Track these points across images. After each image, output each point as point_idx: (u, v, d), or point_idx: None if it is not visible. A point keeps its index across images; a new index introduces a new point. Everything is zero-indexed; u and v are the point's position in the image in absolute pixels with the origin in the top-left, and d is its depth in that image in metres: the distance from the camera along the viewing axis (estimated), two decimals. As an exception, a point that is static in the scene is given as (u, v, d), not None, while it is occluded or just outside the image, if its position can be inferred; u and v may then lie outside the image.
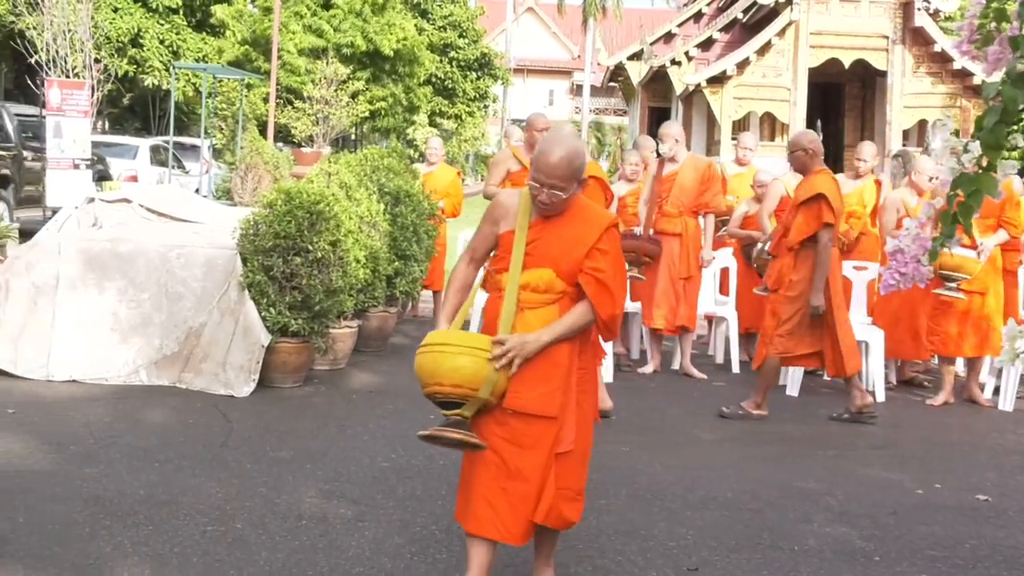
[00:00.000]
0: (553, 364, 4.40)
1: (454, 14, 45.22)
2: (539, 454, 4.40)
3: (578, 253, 4.40)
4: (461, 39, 45.07)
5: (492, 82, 48.06)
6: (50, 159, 16.55)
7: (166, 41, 32.89)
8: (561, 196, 4.36)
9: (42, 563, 4.86)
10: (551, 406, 4.40)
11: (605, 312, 4.43)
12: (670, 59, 30.89)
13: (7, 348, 8.43)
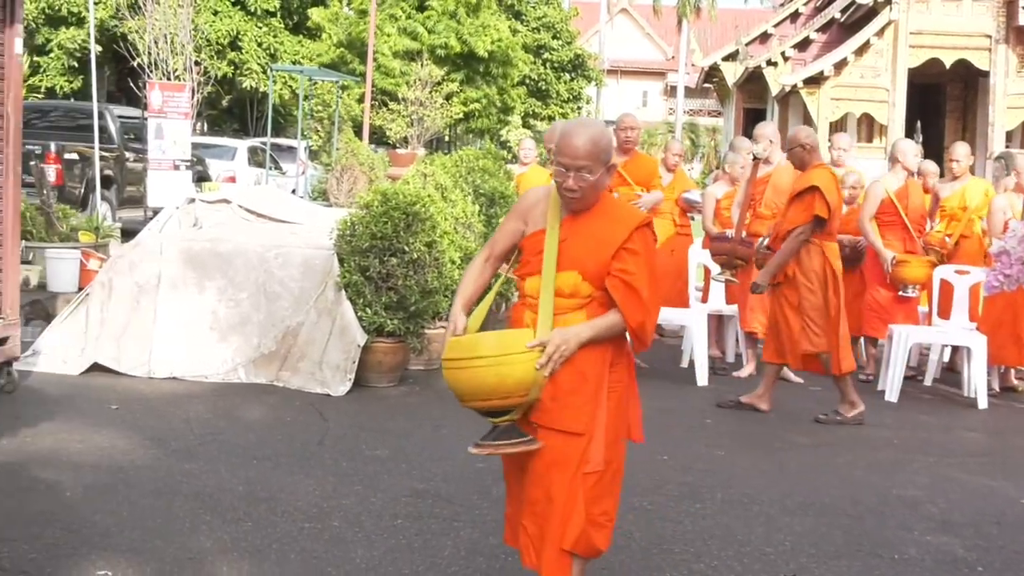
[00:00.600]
0: (581, 376, 4.04)
1: (548, 15, 45.15)
2: (564, 473, 4.02)
3: (605, 253, 4.05)
4: (555, 40, 44.97)
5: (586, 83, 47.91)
6: (151, 160, 16.84)
7: (264, 44, 33.30)
8: (589, 179, 4.00)
9: (144, 557, 4.94)
10: (577, 421, 4.02)
11: (634, 319, 4.05)
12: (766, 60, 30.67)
13: (110, 346, 8.59)
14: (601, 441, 4.07)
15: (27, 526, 5.24)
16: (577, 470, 4.03)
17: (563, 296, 4.07)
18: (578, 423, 4.02)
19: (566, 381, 4.01)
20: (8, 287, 7.64)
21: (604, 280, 4.05)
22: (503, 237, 4.33)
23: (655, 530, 5.69)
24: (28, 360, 8.43)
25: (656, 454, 7.15)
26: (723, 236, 9.60)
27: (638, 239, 4.08)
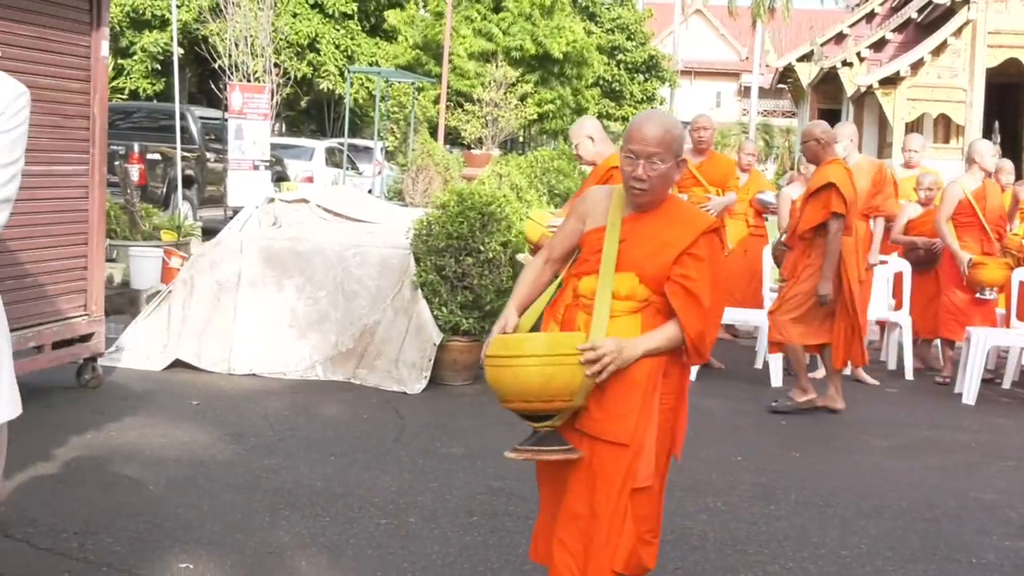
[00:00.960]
0: (630, 383, 3.74)
1: (622, 17, 45.04)
2: (609, 486, 3.75)
3: (666, 257, 3.78)
4: (629, 41, 44.86)
5: (659, 84, 47.72)
6: (232, 160, 17.01)
7: (341, 46, 33.52)
8: (660, 168, 3.76)
9: (224, 550, 4.99)
10: (624, 431, 3.74)
11: (692, 328, 3.76)
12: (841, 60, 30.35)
13: (192, 342, 8.69)
14: (651, 454, 3.80)
15: (111, 519, 5.31)
16: (624, 485, 3.75)
17: (618, 298, 3.81)
18: (625, 434, 3.74)
19: (615, 389, 3.74)
20: (93, 284, 7.76)
21: (663, 285, 3.79)
22: (562, 238, 4.09)
23: (729, 531, 5.65)
24: (112, 356, 8.56)
25: (730, 455, 7.12)
26: None
27: (704, 244, 3.82)
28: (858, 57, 30.24)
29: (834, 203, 8.13)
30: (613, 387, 3.72)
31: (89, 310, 7.74)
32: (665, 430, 3.89)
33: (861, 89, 29.15)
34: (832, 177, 8.18)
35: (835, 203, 8.13)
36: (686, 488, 6.30)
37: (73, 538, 5.04)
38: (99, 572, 4.70)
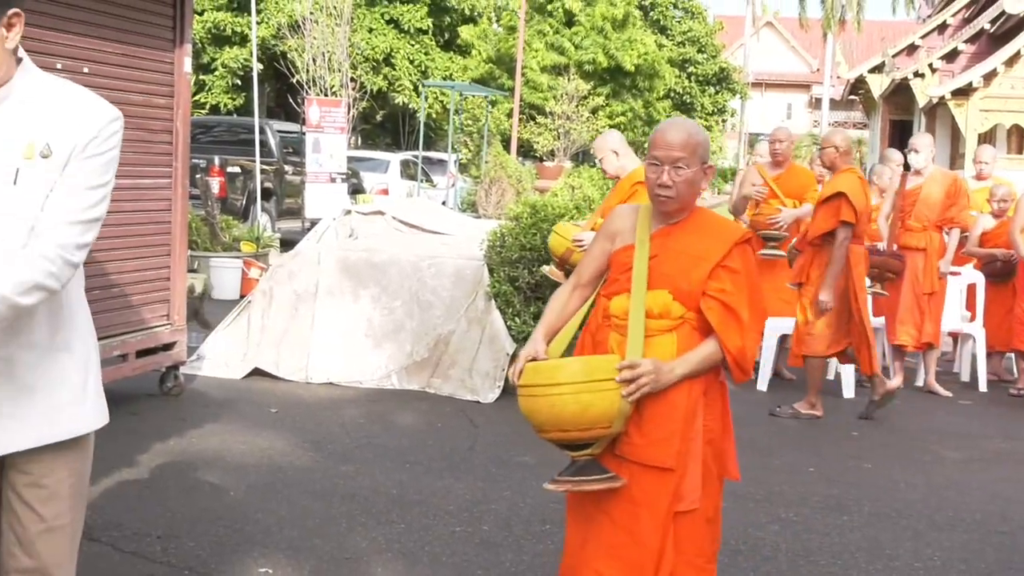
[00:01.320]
0: (670, 406, 3.56)
1: (693, 30, 44.89)
2: (655, 512, 3.55)
3: (700, 271, 3.60)
4: (700, 54, 44.69)
5: (730, 96, 47.48)
6: (309, 173, 17.19)
7: (416, 61, 33.74)
8: (685, 173, 3.58)
9: (303, 555, 5.04)
10: (667, 455, 3.55)
11: (733, 344, 3.57)
12: (913, 71, 29.96)
13: (270, 351, 8.78)
14: (696, 476, 3.59)
15: (193, 523, 5.38)
16: (669, 509, 3.55)
17: (652, 317, 3.62)
18: (668, 457, 3.55)
19: (655, 412, 3.55)
20: (176, 294, 7.86)
21: (698, 300, 3.61)
22: (590, 262, 3.90)
23: (801, 542, 5.60)
24: (193, 364, 8.67)
25: (802, 466, 7.06)
26: (874, 249, 9.42)
27: (737, 256, 3.64)
28: (930, 68, 29.83)
29: (844, 212, 8.12)
30: (653, 410, 3.54)
31: (171, 319, 7.84)
32: (712, 452, 3.69)
33: (933, 100, 28.77)
34: (843, 186, 8.17)
35: (845, 212, 8.11)
36: (758, 499, 6.26)
37: (156, 542, 5.12)
38: (181, 575, 4.76)
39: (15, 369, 2.72)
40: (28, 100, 2.70)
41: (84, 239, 2.71)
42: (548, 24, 34.57)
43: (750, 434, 7.74)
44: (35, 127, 2.67)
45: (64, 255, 2.66)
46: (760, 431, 7.86)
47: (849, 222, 8.12)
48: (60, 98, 2.75)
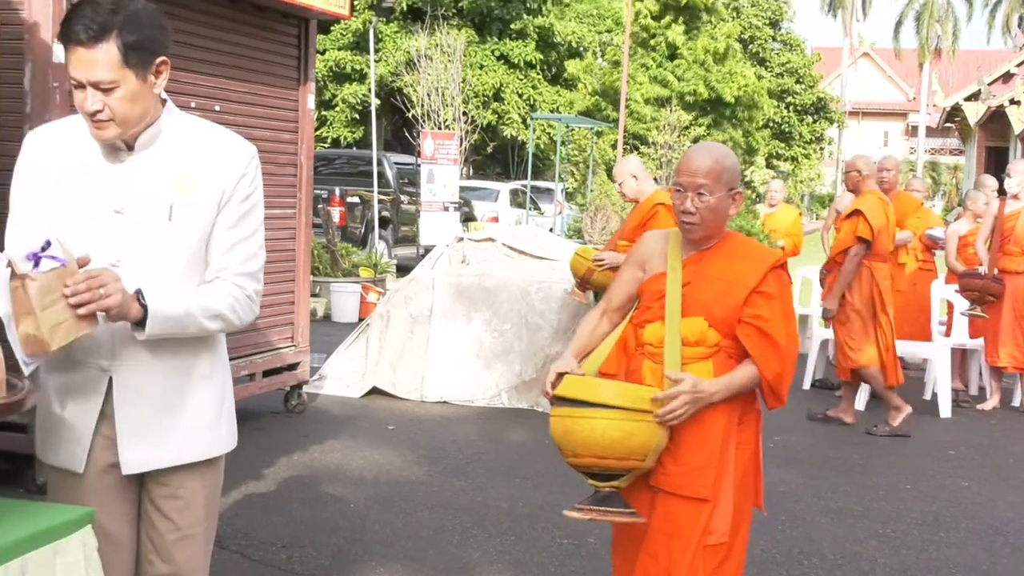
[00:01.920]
0: (705, 434, 3.36)
1: (791, 61, 44.59)
2: (686, 545, 3.35)
3: (735, 298, 3.40)
4: (798, 85, 44.36)
5: (828, 125, 47.03)
6: (424, 202, 17.36)
7: (524, 95, 33.92)
8: (708, 199, 3.38)
9: (418, 565, 5.08)
10: (703, 486, 3.34)
11: (770, 371, 3.38)
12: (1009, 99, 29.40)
13: (388, 371, 8.88)
14: (728, 508, 3.39)
15: (316, 534, 5.47)
16: (700, 542, 3.35)
17: (687, 344, 3.41)
18: (703, 488, 3.34)
19: (690, 441, 3.35)
20: (300, 317, 7.99)
21: (733, 327, 3.41)
22: (620, 288, 3.67)
23: (899, 557, 5.51)
24: (315, 384, 8.79)
25: (899, 483, 6.94)
26: (975, 273, 9.27)
27: (773, 281, 3.44)
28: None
29: (860, 228, 8.24)
30: (688, 440, 3.34)
31: (295, 341, 7.96)
32: (746, 482, 3.49)
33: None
34: (860, 205, 8.31)
35: (861, 228, 8.23)
36: (856, 515, 6.18)
37: (282, 551, 5.20)
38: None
39: (163, 392, 2.81)
40: (175, 139, 2.81)
41: (259, 285, 2.90)
42: (651, 58, 34.57)
43: (844, 453, 7.66)
44: (183, 165, 2.78)
45: (240, 298, 2.85)
46: (855, 451, 7.76)
47: (865, 239, 8.22)
48: (204, 137, 2.86)
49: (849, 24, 56.90)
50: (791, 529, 5.89)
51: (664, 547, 3.37)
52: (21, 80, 5.61)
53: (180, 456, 2.86)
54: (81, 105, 2.65)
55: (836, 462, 7.43)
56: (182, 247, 2.77)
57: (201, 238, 2.79)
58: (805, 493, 6.60)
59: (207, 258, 2.82)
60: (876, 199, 8.39)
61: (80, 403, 2.78)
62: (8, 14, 5.53)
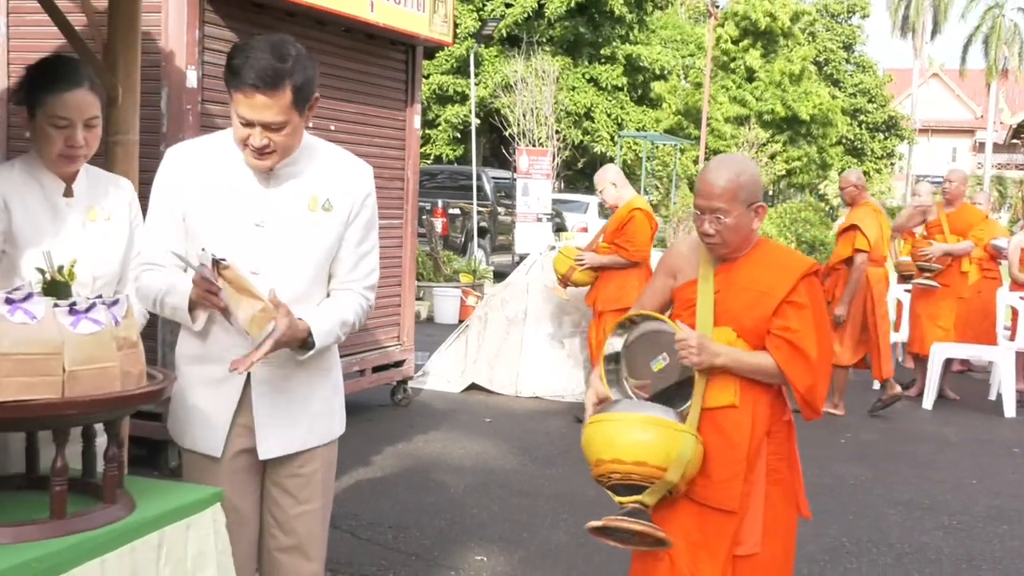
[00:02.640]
0: (732, 446, 3.10)
1: (864, 82, 43.82)
2: (714, 555, 3.10)
3: (765, 308, 3.11)
4: (870, 104, 43.57)
5: (898, 142, 46.11)
6: (519, 214, 17.38)
7: (612, 114, 33.77)
8: (726, 221, 3.08)
9: (512, 546, 5.10)
10: (729, 497, 3.08)
11: (801, 383, 3.08)
12: (1073, 116, 28.60)
13: (485, 369, 8.92)
14: (757, 520, 3.12)
15: (419, 516, 5.51)
16: (728, 553, 3.10)
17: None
18: (732, 500, 3.08)
19: (717, 454, 3.09)
20: (405, 319, 8.06)
21: (763, 338, 3.12)
22: (651, 296, 3.39)
23: (964, 547, 5.40)
24: (419, 379, 8.86)
25: (965, 478, 6.80)
26: None
27: (804, 290, 3.13)
28: (1090, 113, 28.45)
29: (858, 241, 8.31)
30: (714, 451, 3.09)
31: (401, 340, 8.03)
32: (781, 492, 3.19)
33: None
34: (856, 219, 8.38)
35: (859, 241, 8.31)
36: (924, 507, 6.07)
37: (388, 531, 5.26)
38: (409, 560, 4.89)
39: (292, 386, 2.89)
40: (308, 160, 2.87)
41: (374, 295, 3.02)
42: (731, 80, 34.27)
43: (911, 450, 7.53)
44: (317, 185, 2.85)
45: (365, 307, 2.96)
46: (922, 448, 7.62)
47: (863, 250, 8.30)
48: (333, 159, 2.94)
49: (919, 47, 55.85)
50: (861, 520, 5.81)
51: (692, 557, 3.12)
52: (158, 103, 5.75)
53: (307, 441, 2.94)
54: (245, 140, 2.71)
55: (904, 457, 7.30)
56: (313, 259, 2.85)
57: (330, 252, 2.87)
58: (875, 486, 6.51)
59: (332, 270, 2.91)
60: (870, 210, 8.51)
61: (220, 396, 2.86)
62: (147, 43, 5.67)
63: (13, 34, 6.11)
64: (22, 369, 2.04)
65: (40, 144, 2.87)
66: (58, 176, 2.92)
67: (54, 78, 2.83)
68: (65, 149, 2.85)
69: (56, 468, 2.15)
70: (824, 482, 6.50)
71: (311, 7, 6.48)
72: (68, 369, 2.09)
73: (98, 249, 2.96)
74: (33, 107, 2.85)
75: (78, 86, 2.84)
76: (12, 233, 2.85)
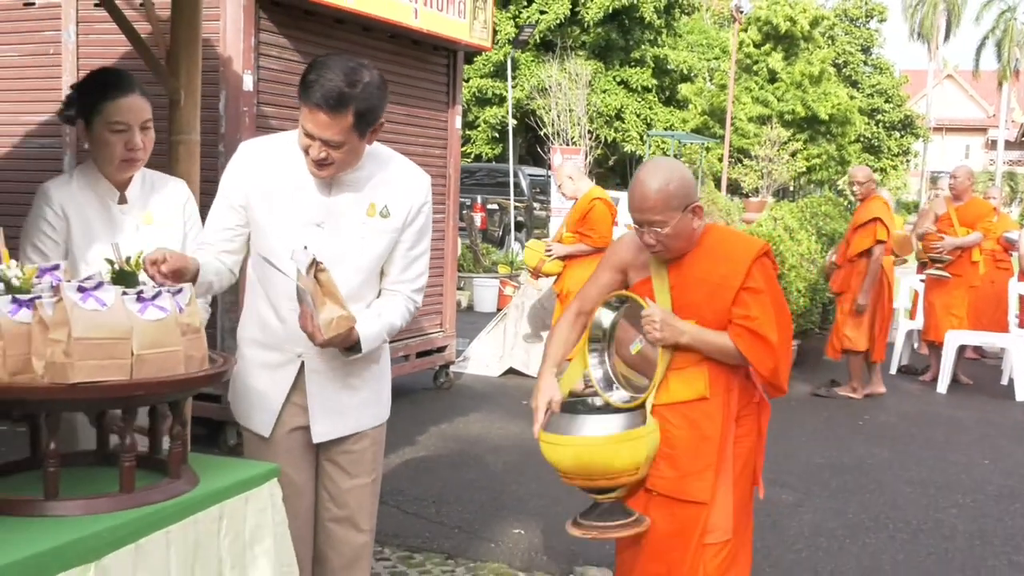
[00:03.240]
0: (702, 439, 2.96)
1: (881, 83, 43.36)
2: (685, 545, 2.96)
3: (723, 299, 2.94)
4: (887, 104, 43.12)
5: (913, 140, 45.61)
6: (553, 208, 17.35)
7: (641, 115, 33.63)
8: (665, 232, 2.89)
9: (549, 521, 5.08)
10: (701, 490, 2.95)
11: (764, 368, 2.95)
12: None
13: (522, 354, 8.91)
14: (728, 506, 2.99)
15: (461, 492, 5.53)
16: (699, 541, 2.97)
17: (680, 349, 2.97)
18: (703, 492, 2.96)
19: (687, 446, 2.96)
20: (447, 307, 8.07)
21: (725, 328, 2.96)
22: (595, 291, 3.17)
23: (977, 525, 5.35)
24: (460, 364, 8.87)
25: (978, 459, 6.73)
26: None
27: (758, 274, 2.96)
28: (1098, 111, 28.03)
29: (879, 232, 8.21)
30: (685, 444, 2.96)
31: (444, 328, 8.04)
32: (744, 476, 3.07)
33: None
34: (877, 212, 8.25)
35: (880, 232, 8.21)
36: (939, 486, 6.02)
37: (432, 505, 5.27)
38: (451, 533, 4.90)
39: (343, 375, 2.91)
40: (371, 167, 2.87)
41: (422, 298, 3.04)
42: (754, 81, 34.09)
43: (927, 432, 7.46)
44: (376, 191, 2.85)
45: (412, 310, 2.99)
46: (937, 430, 7.54)
47: (883, 240, 8.23)
48: (393, 166, 2.93)
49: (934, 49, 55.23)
50: (879, 497, 5.76)
51: (664, 549, 3.00)
52: (217, 106, 5.78)
53: (358, 425, 2.97)
54: (307, 149, 2.71)
55: (920, 439, 7.23)
56: (367, 261, 2.86)
57: (383, 254, 2.89)
58: (892, 465, 6.45)
59: (385, 269, 2.92)
60: (883, 203, 8.47)
61: (275, 380, 2.89)
62: (207, 50, 5.70)
63: (82, 42, 6.16)
64: (94, 353, 2.06)
65: (100, 151, 2.89)
66: (113, 184, 2.94)
67: (108, 87, 2.86)
68: (125, 153, 2.87)
69: (125, 445, 2.17)
70: (844, 462, 6.45)
71: (358, 15, 6.49)
72: (136, 353, 2.11)
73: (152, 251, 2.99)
74: (90, 116, 2.87)
75: (131, 92, 2.87)
76: (71, 239, 2.88)
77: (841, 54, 42.01)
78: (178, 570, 2.17)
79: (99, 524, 2.03)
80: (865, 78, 43.57)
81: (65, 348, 2.04)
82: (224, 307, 5.78)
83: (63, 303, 2.06)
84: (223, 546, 2.32)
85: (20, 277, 2.15)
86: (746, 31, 34.09)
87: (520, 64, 31.21)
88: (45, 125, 6.30)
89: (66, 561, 1.92)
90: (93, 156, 2.92)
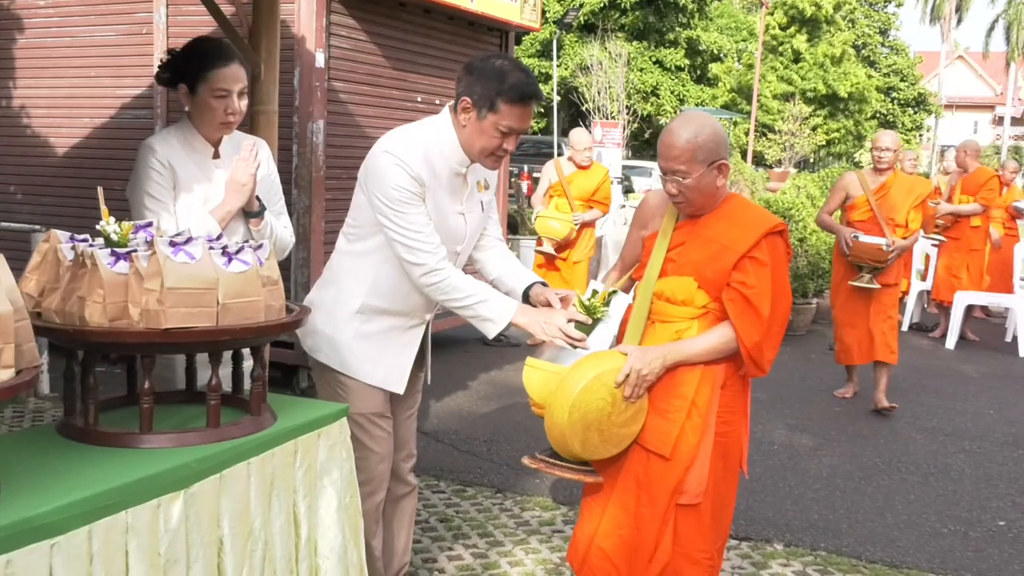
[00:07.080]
0: (676, 395, 2.67)
1: (897, 63, 42.47)
2: (655, 500, 2.69)
3: (725, 261, 2.67)
4: (902, 82, 42.25)
5: (926, 116, 44.74)
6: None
7: (675, 91, 33.23)
8: (687, 182, 2.65)
9: (589, 459, 5.08)
10: (664, 443, 2.66)
11: (749, 338, 2.63)
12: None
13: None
14: (703, 471, 2.68)
15: (509, 432, 5.53)
16: (670, 501, 2.68)
17: (674, 303, 2.73)
18: (666, 446, 2.66)
19: (659, 400, 2.68)
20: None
21: (722, 291, 2.69)
22: (629, 246, 3.04)
23: (983, 469, 5.27)
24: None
25: (984, 409, 6.63)
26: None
27: (766, 247, 2.68)
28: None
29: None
30: (658, 398, 2.68)
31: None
32: (727, 446, 2.75)
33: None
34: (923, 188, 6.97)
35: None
36: (947, 433, 5.93)
37: (483, 444, 5.29)
38: (500, 469, 4.91)
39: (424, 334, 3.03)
40: None
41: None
42: (779, 61, 33.59)
43: (936, 383, 7.36)
44: (475, 169, 2.90)
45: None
46: (946, 382, 7.43)
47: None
48: None
49: (946, 32, 54.02)
50: (891, 443, 5.69)
51: (635, 498, 2.74)
52: (292, 81, 5.76)
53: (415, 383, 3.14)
54: (496, 148, 2.75)
55: (929, 390, 7.13)
56: (482, 228, 3.02)
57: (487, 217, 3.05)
58: (903, 414, 6.36)
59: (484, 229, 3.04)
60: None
61: (405, 343, 2.95)
62: (283, 29, 5.68)
63: (171, 22, 6.16)
64: (184, 301, 2.06)
65: (203, 114, 2.88)
66: (208, 141, 2.94)
67: (214, 56, 2.84)
68: (224, 116, 2.87)
69: (212, 384, 2.18)
70: (859, 410, 6.37)
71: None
72: (221, 302, 2.11)
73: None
74: (195, 82, 2.86)
75: (233, 61, 2.86)
76: (177, 188, 2.89)
77: (861, 36, 41.20)
78: (257, 498, 2.19)
79: (188, 456, 2.05)
80: (882, 58, 42.72)
81: (158, 297, 2.04)
82: (297, 263, 5.81)
83: (156, 256, 2.07)
84: (297, 477, 2.33)
85: (118, 232, 2.16)
86: (772, 15, 33.53)
87: (564, 44, 30.93)
88: (139, 98, 6.33)
89: (158, 489, 1.94)
90: (193, 117, 2.91)
